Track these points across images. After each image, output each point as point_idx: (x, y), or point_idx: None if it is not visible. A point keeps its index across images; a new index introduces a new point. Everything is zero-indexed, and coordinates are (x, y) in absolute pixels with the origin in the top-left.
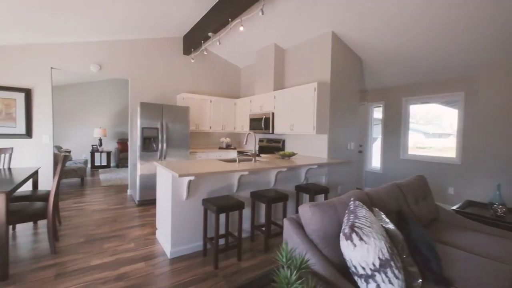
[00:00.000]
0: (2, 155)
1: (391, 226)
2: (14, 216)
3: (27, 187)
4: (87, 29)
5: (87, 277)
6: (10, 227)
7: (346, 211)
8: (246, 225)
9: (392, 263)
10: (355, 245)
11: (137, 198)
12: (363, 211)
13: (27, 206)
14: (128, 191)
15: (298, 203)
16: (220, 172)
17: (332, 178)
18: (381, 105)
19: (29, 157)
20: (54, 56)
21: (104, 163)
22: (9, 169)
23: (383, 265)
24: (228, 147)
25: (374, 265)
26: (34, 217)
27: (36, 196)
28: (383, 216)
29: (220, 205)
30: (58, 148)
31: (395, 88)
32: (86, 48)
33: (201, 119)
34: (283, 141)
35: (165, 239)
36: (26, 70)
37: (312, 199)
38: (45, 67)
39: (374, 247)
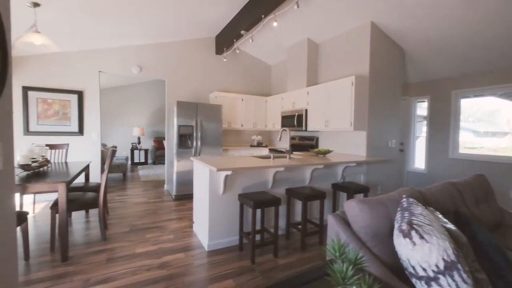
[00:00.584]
0: (60, 151)
1: (451, 226)
2: (71, 204)
3: (80, 179)
4: (129, 34)
5: (134, 263)
6: None
7: (398, 209)
8: (281, 222)
9: (459, 265)
10: (414, 244)
11: (173, 192)
12: (419, 209)
13: (81, 196)
14: (165, 186)
15: (335, 201)
16: (256, 168)
17: (371, 177)
18: (426, 100)
19: (81, 152)
20: (101, 60)
21: (142, 160)
22: (66, 162)
23: (449, 268)
24: (259, 145)
25: (437, 266)
26: (87, 206)
27: (88, 187)
28: (440, 216)
29: (257, 200)
30: (103, 145)
31: (443, 80)
32: (128, 51)
33: (233, 117)
34: (317, 139)
35: (202, 232)
36: (78, 73)
37: (350, 198)
38: (94, 70)
39: (437, 246)
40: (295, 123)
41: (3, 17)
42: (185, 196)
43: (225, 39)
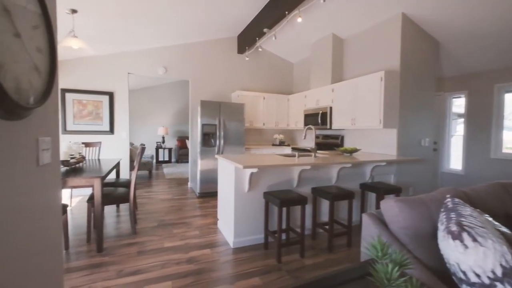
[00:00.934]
0: (94, 148)
1: (506, 230)
2: (105, 198)
3: (111, 175)
4: (156, 37)
5: (163, 257)
6: None
7: (442, 209)
8: (307, 222)
9: None
10: (466, 247)
11: (197, 190)
12: (467, 210)
13: (113, 191)
14: (189, 184)
15: (363, 202)
16: (281, 166)
17: (402, 178)
18: (463, 95)
19: (112, 150)
20: (130, 62)
21: (166, 158)
22: (99, 159)
23: (509, 275)
24: (281, 143)
25: (494, 273)
26: (119, 200)
27: (119, 183)
28: (490, 218)
29: (283, 198)
30: (130, 144)
31: (483, 74)
32: (154, 53)
33: (255, 116)
34: (342, 137)
35: (227, 229)
36: (110, 76)
37: (380, 199)
38: (123, 72)
39: (494, 251)
40: (319, 121)
41: (53, 24)
42: (208, 194)
43: (247, 38)
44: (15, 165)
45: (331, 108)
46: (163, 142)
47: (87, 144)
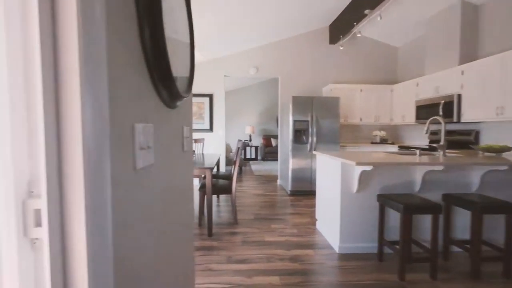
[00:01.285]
0: (199, 144)
1: None
2: (213, 188)
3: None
4: (247, 39)
5: (266, 250)
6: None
7: None
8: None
9: None
10: None
11: (288, 188)
12: None
13: (217, 182)
14: (278, 181)
15: None
16: (402, 164)
17: None
18: None
19: (211, 146)
20: (225, 66)
21: (253, 156)
22: (203, 154)
23: None
24: (382, 141)
25: None
26: (223, 191)
27: (219, 175)
28: None
29: (408, 204)
30: None
31: None
32: (246, 54)
33: (350, 111)
34: (476, 132)
35: (329, 232)
36: (209, 79)
37: None
38: (220, 76)
39: None
40: (440, 113)
41: (193, 25)
42: (300, 192)
43: (342, 25)
44: (173, 148)
45: (459, 95)
46: (250, 140)
47: (195, 140)
